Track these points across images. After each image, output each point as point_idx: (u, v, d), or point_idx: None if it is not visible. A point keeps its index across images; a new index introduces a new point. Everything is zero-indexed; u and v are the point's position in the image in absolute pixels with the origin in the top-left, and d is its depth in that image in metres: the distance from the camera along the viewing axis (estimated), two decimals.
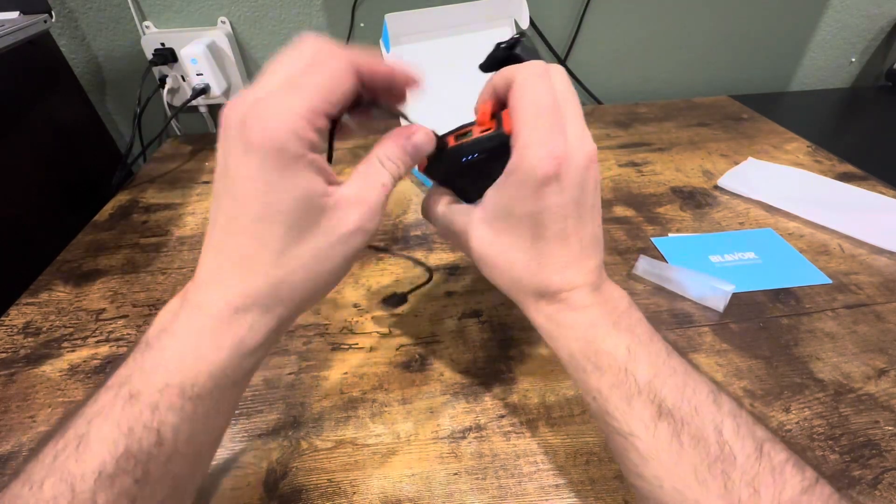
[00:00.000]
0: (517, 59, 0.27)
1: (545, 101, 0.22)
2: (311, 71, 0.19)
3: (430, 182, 0.30)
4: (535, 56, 0.26)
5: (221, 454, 0.29)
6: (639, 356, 0.22)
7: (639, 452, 0.21)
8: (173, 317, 0.21)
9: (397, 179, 0.23)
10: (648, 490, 0.21)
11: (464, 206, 0.27)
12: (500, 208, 0.24)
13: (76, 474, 0.17)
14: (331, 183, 0.20)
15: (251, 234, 0.19)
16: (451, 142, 0.26)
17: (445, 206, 0.27)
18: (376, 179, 0.22)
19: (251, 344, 0.20)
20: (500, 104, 0.25)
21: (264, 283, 0.20)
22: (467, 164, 0.26)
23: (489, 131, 0.25)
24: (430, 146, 0.25)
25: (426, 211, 0.28)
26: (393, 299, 0.40)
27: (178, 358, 0.19)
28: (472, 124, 0.27)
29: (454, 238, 0.27)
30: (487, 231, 0.25)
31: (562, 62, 0.73)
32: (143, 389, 0.18)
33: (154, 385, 0.18)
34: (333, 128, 0.21)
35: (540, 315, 0.25)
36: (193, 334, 0.20)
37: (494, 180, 0.24)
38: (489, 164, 0.25)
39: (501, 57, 0.28)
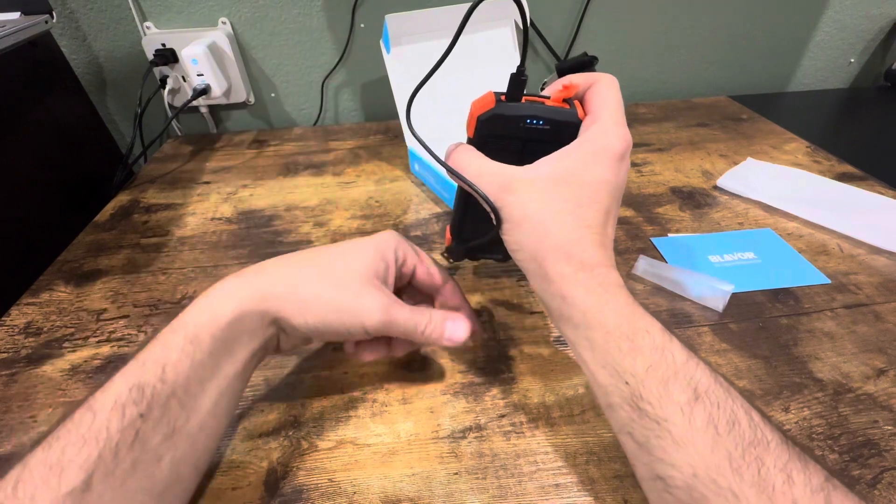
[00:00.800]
0: (591, 69, 0.31)
1: (621, 101, 0.27)
2: None
3: (428, 181, 0.30)
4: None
5: (221, 453, 0.29)
6: (673, 338, 0.22)
7: (672, 438, 0.20)
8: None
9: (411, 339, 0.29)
10: (679, 479, 0.20)
11: (504, 165, 0.26)
12: (566, 172, 0.25)
13: (99, 400, 0.21)
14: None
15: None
16: (524, 100, 0.27)
17: (480, 158, 0.27)
18: (409, 325, 0.28)
19: (242, 300, 0.25)
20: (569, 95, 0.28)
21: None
22: (526, 128, 0.27)
23: (564, 108, 0.27)
24: (457, 341, 0.29)
25: (456, 158, 0.27)
26: None
27: (191, 310, 0.25)
28: (543, 97, 0.28)
29: (490, 187, 0.26)
30: (539, 191, 0.25)
31: (562, 62, 0.73)
32: (161, 331, 0.23)
33: (169, 329, 0.24)
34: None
35: (578, 287, 0.24)
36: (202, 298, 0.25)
37: (537, 155, 0.26)
38: (546, 136, 0.27)
39: (584, 61, 0.33)
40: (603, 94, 0.27)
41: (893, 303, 0.38)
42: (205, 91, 0.63)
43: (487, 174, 0.26)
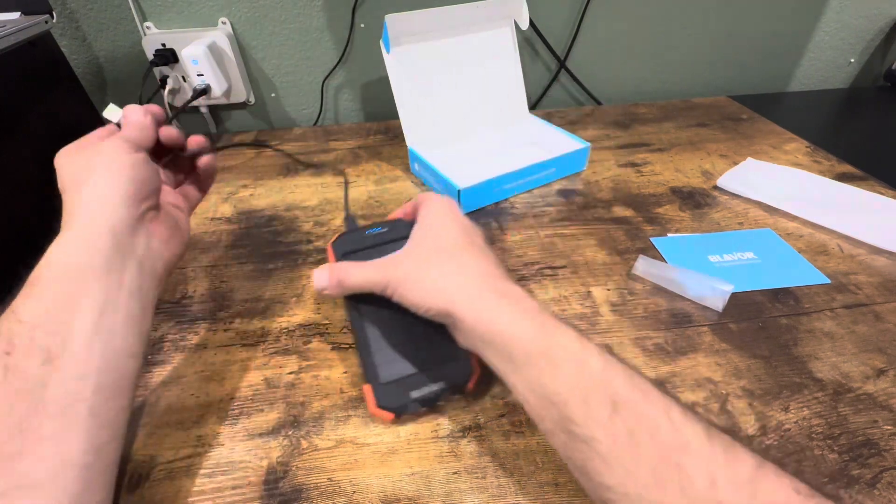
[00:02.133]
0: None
1: (438, 197, 0.33)
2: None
3: (428, 181, 0.31)
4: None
5: (222, 453, 0.29)
6: (587, 346, 0.23)
7: (602, 458, 0.20)
8: None
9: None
10: (616, 500, 0.20)
11: (383, 259, 0.30)
12: (433, 242, 0.29)
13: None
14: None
15: None
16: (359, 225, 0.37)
17: (356, 266, 0.30)
18: None
19: (68, 236, 0.26)
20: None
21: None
22: (370, 236, 0.34)
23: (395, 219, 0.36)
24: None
25: (341, 275, 0.30)
26: None
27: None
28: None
29: (376, 275, 0.29)
30: (416, 257, 0.29)
31: (561, 63, 0.73)
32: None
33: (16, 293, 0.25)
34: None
35: (488, 309, 0.25)
36: None
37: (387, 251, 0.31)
38: (388, 237, 0.34)
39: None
40: (423, 196, 0.33)
41: (893, 303, 0.38)
42: (205, 91, 0.63)
43: (369, 267, 0.30)
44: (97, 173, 0.27)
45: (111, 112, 0.46)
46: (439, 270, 0.27)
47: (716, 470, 0.18)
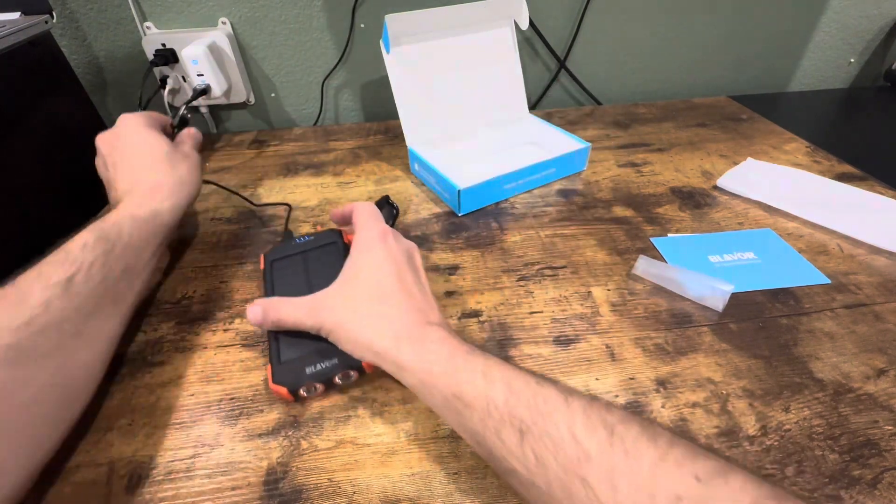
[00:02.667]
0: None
1: (372, 214, 0.35)
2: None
3: (428, 182, 0.31)
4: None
5: (221, 454, 0.29)
6: (493, 378, 0.24)
7: (523, 485, 0.22)
8: None
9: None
10: None
11: (305, 297, 0.31)
12: (350, 273, 0.31)
13: (69, 245, 0.32)
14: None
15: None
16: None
17: (287, 303, 0.31)
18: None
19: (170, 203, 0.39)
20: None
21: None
22: (299, 244, 0.38)
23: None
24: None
25: (271, 311, 0.31)
26: None
27: (145, 207, 0.38)
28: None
29: (305, 316, 0.30)
30: (340, 296, 0.30)
31: (561, 63, 0.73)
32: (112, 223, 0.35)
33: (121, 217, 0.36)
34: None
35: (405, 355, 0.27)
36: None
37: (319, 272, 0.34)
38: (314, 244, 0.38)
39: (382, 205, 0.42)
40: (358, 212, 0.35)
41: (893, 303, 0.38)
42: (205, 91, 0.63)
43: (301, 307, 0.31)
44: (187, 172, 0.42)
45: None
46: (367, 320, 0.29)
47: (616, 476, 0.19)
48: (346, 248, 0.37)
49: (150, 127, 0.42)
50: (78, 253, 0.30)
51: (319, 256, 0.37)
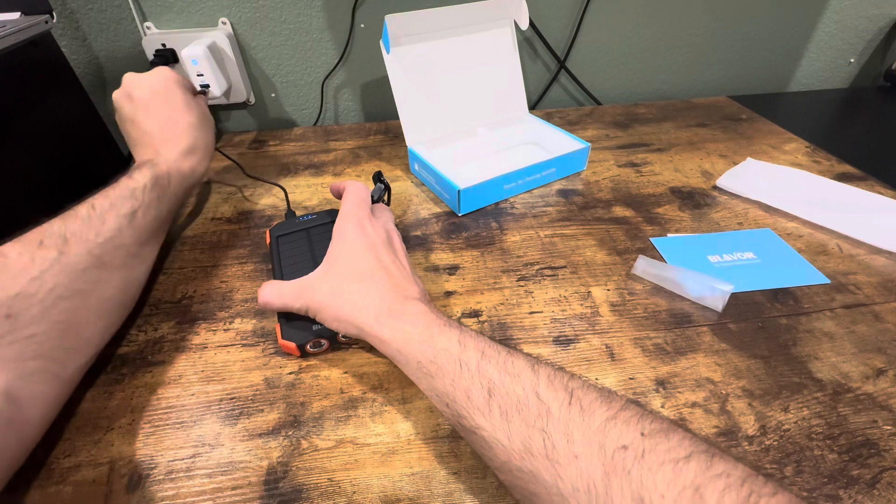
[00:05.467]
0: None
1: (360, 196, 0.37)
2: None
3: (428, 182, 0.30)
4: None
5: (222, 453, 0.29)
6: (468, 345, 0.26)
7: (487, 442, 0.23)
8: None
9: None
10: (509, 480, 0.23)
11: (295, 281, 0.34)
12: (332, 256, 0.34)
13: (129, 182, 0.38)
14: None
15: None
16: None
17: (280, 285, 0.34)
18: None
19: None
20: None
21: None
22: (303, 221, 0.42)
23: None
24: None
25: (266, 296, 0.34)
26: None
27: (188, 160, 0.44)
28: None
29: (293, 299, 0.33)
30: (324, 278, 0.33)
31: (561, 63, 0.73)
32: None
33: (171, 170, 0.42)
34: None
35: (386, 329, 0.29)
36: None
37: (325, 250, 0.35)
38: (318, 221, 0.42)
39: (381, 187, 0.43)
40: (346, 195, 0.37)
41: (893, 303, 0.38)
42: (205, 91, 0.63)
43: (288, 291, 0.33)
44: (210, 133, 0.47)
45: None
46: (347, 298, 0.31)
47: (573, 429, 0.21)
48: None
49: (185, 87, 0.46)
50: (140, 192, 0.37)
51: (322, 233, 0.40)
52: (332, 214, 0.41)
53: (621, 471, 0.19)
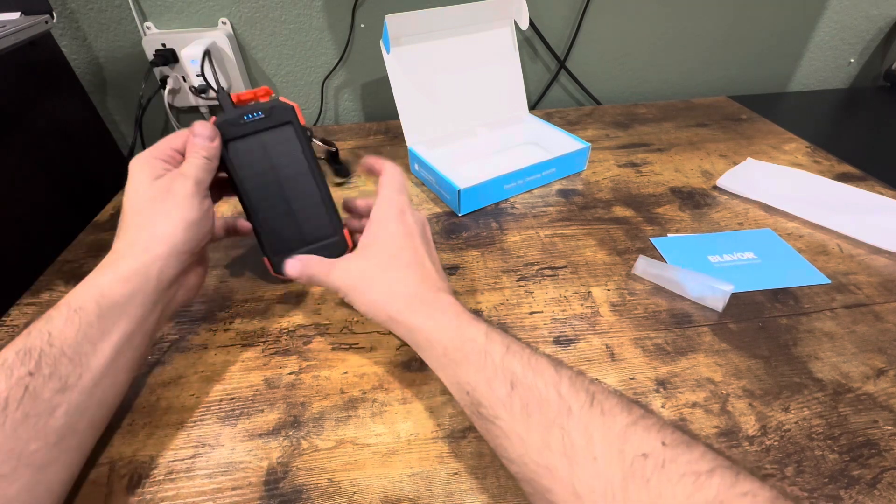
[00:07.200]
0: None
1: (398, 180, 0.35)
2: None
3: (428, 182, 0.30)
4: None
5: (222, 454, 0.29)
6: (494, 338, 0.26)
7: (504, 433, 0.23)
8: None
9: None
10: (523, 473, 0.23)
11: (338, 262, 0.33)
12: (370, 241, 0.32)
13: None
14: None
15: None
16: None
17: (315, 259, 0.34)
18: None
19: (124, 272, 0.28)
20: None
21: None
22: (251, 122, 0.34)
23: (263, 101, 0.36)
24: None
25: (312, 275, 0.33)
26: None
27: (80, 285, 0.28)
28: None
29: (332, 282, 0.32)
30: (356, 262, 0.32)
31: (561, 63, 0.73)
32: (45, 312, 0.26)
33: (52, 308, 0.26)
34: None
35: (418, 316, 0.29)
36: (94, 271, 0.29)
37: (279, 164, 0.35)
38: (266, 123, 0.35)
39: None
40: (385, 178, 0.35)
41: (893, 303, 0.38)
42: (205, 91, 0.63)
43: (316, 268, 0.33)
44: (165, 216, 0.30)
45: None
46: (380, 284, 0.31)
47: (593, 430, 0.21)
48: (303, 132, 0.36)
49: (140, 169, 0.31)
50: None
51: (280, 142, 0.35)
52: (284, 114, 0.35)
53: (640, 479, 0.19)
